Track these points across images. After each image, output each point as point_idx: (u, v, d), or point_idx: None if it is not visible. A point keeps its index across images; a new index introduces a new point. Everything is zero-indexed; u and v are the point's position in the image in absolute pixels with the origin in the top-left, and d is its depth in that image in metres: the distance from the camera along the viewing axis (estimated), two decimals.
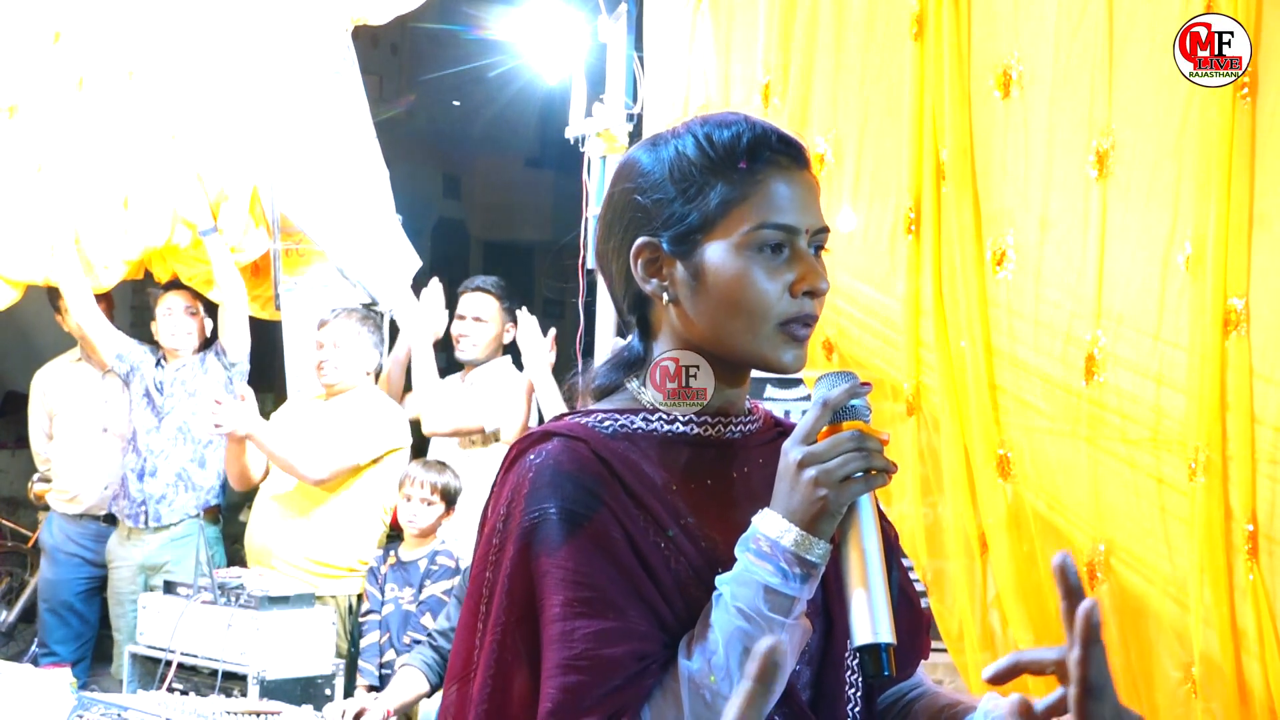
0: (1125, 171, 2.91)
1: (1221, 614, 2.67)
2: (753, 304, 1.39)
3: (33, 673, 3.68)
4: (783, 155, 1.42)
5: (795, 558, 1.29)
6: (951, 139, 3.19)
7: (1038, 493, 3.02)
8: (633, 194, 1.45)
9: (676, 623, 1.33)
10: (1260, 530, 2.64)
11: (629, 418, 1.44)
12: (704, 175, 1.41)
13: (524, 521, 1.34)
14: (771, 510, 1.32)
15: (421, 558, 4.25)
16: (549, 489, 1.34)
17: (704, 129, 1.44)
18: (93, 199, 4.99)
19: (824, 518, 1.30)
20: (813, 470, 1.30)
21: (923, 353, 3.26)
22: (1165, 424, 2.82)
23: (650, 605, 1.32)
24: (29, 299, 5.36)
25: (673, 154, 1.43)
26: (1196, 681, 2.74)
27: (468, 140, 10.77)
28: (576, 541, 1.32)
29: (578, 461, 1.36)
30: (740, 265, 1.39)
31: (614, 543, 1.33)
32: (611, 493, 1.35)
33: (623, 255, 1.46)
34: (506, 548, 1.36)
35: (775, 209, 1.40)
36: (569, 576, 1.31)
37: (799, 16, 3.57)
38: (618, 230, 1.47)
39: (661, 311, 1.46)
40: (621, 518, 1.34)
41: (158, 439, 4.95)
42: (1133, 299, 2.89)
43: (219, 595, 4.08)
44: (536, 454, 1.38)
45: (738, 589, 1.29)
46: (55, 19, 5.05)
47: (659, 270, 1.44)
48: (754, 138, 1.42)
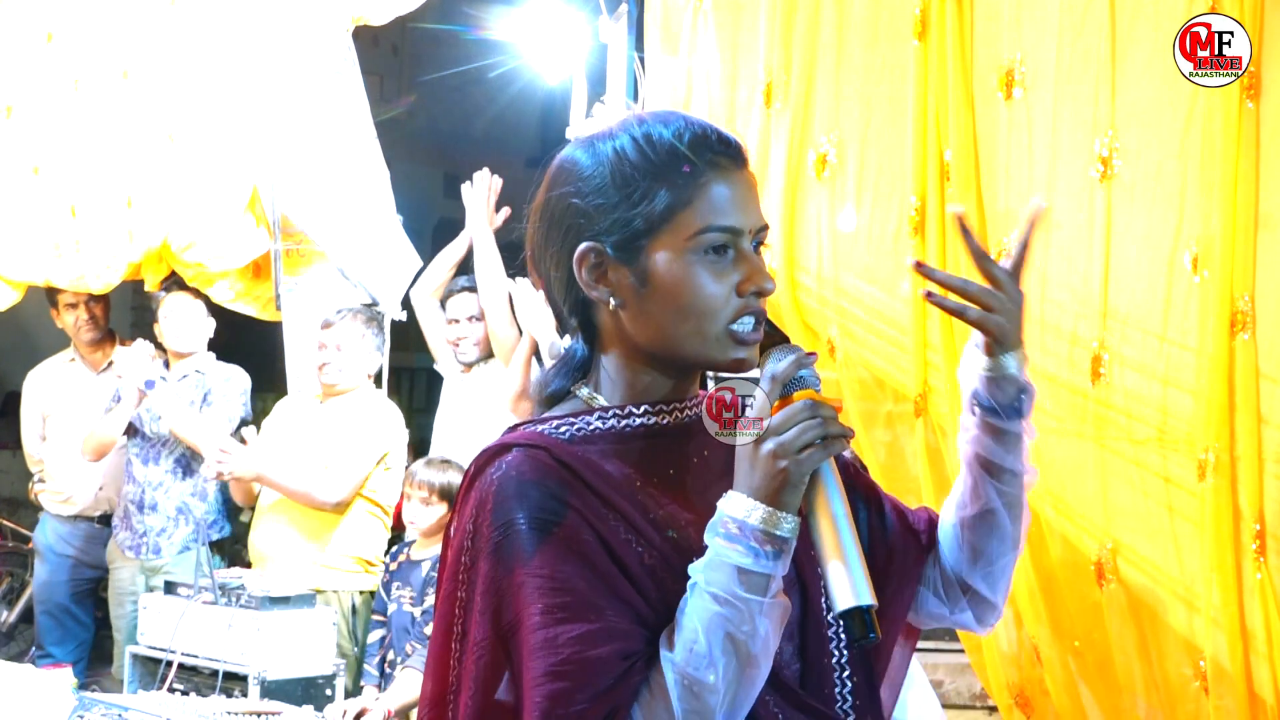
0: (1129, 172, 2.91)
1: (1230, 614, 2.67)
2: (701, 308, 1.39)
3: (33, 673, 3.68)
4: (723, 155, 1.42)
5: (764, 535, 1.29)
6: (955, 139, 3.18)
7: (1045, 494, 3.02)
8: (572, 197, 1.43)
9: (655, 617, 1.33)
10: (1268, 530, 2.65)
11: (584, 419, 1.44)
12: (646, 179, 1.40)
13: (493, 536, 1.33)
14: (735, 491, 1.32)
15: (426, 560, 4.24)
16: (514, 500, 1.33)
17: (642, 129, 1.42)
18: (91, 200, 4.98)
19: (787, 490, 1.30)
20: (770, 444, 1.30)
21: (929, 355, 3.26)
22: (1172, 424, 2.82)
23: (628, 603, 1.32)
24: (29, 299, 5.35)
25: (612, 156, 1.42)
26: (1208, 680, 2.74)
27: (468, 140, 10.76)
28: (548, 548, 1.31)
29: (539, 469, 1.35)
30: (686, 270, 1.39)
31: (585, 545, 1.33)
32: (577, 496, 1.34)
33: (564, 261, 1.44)
34: (478, 564, 1.34)
35: (718, 211, 1.39)
36: (545, 584, 1.30)
37: (801, 16, 3.57)
38: (556, 235, 1.45)
39: (607, 317, 1.45)
40: (590, 519, 1.34)
41: (155, 472, 4.92)
42: (1138, 300, 2.89)
43: (219, 595, 4.08)
44: (496, 467, 1.37)
45: (711, 574, 1.29)
46: (48, 20, 5.03)
47: (604, 276, 1.42)
48: (694, 138, 1.41)
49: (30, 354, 6.07)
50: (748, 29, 3.76)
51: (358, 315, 4.70)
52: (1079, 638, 3.06)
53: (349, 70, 5.10)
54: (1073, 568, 3.04)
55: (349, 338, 4.64)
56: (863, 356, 3.42)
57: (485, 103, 9.27)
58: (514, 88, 6.09)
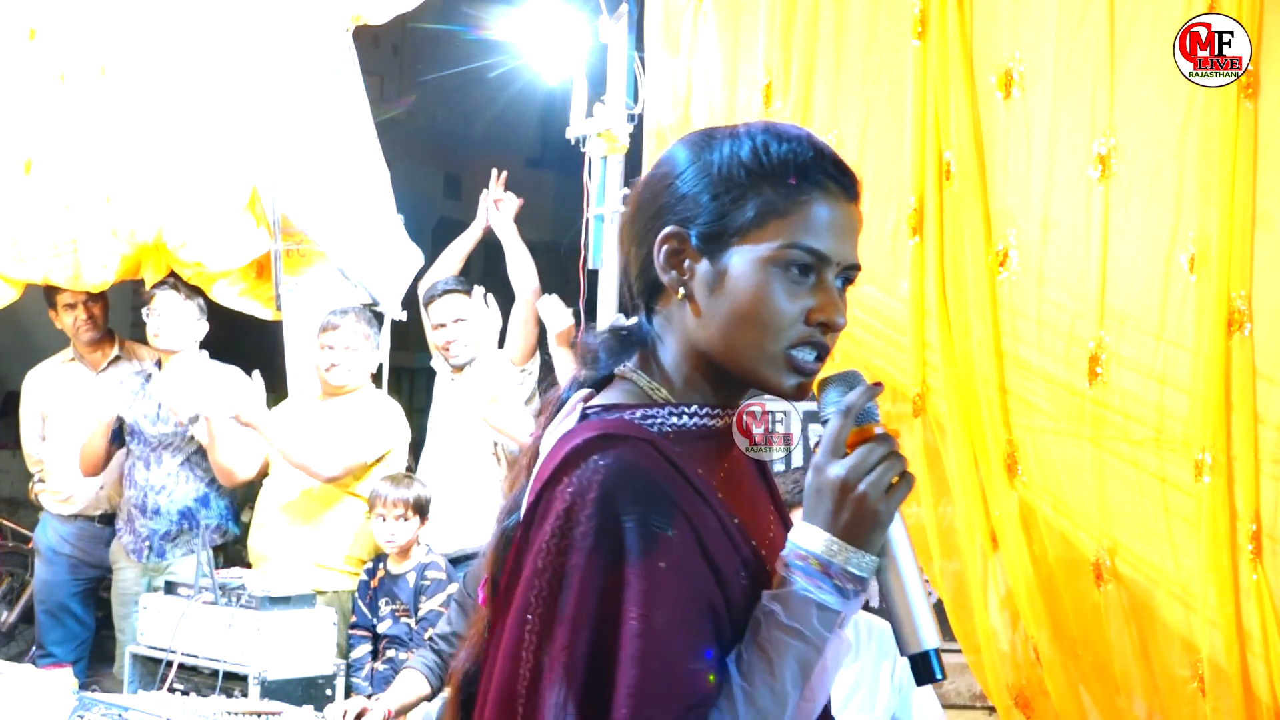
0: (1127, 172, 2.91)
1: (1226, 614, 2.68)
2: (765, 321, 1.35)
3: (34, 673, 3.67)
4: (834, 181, 1.38)
5: (848, 575, 1.29)
6: (956, 140, 3.19)
7: (1042, 493, 3.03)
8: (674, 179, 1.41)
9: (732, 630, 1.32)
10: (1264, 530, 2.65)
11: (657, 412, 1.40)
12: (751, 180, 1.37)
13: (599, 529, 1.28)
14: (813, 526, 1.31)
15: (410, 571, 4.25)
16: (626, 494, 1.28)
17: (764, 135, 1.40)
18: (85, 198, 4.97)
19: (877, 531, 1.30)
20: (862, 486, 1.29)
21: (927, 354, 3.26)
22: (1169, 424, 2.82)
23: (718, 614, 1.30)
24: (27, 298, 5.34)
25: (726, 152, 1.39)
26: (1205, 680, 2.75)
27: (468, 140, 10.78)
28: (658, 550, 1.27)
29: (650, 464, 1.31)
30: (763, 279, 1.35)
31: (690, 553, 1.29)
32: (683, 496, 1.31)
33: (648, 238, 1.41)
34: (572, 556, 1.28)
35: (812, 231, 1.36)
36: (650, 590, 1.26)
37: (800, 16, 3.57)
38: (649, 211, 1.42)
39: (673, 305, 1.41)
40: (695, 523, 1.30)
41: (157, 475, 4.92)
42: (1135, 299, 2.89)
43: (220, 596, 4.08)
44: (602, 456, 1.30)
45: (794, 608, 1.29)
46: (31, 17, 5.01)
47: (680, 262, 1.39)
48: (811, 156, 1.38)
49: (30, 354, 6.07)
50: (747, 29, 3.77)
51: (360, 315, 4.71)
52: (1077, 638, 3.06)
53: (349, 70, 5.09)
54: (1071, 568, 3.05)
55: (356, 337, 4.65)
56: (861, 356, 3.43)
57: (485, 103, 9.29)
58: (514, 88, 6.09)
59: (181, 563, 4.82)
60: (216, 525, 4.95)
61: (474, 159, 11.41)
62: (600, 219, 4.47)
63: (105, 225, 4.95)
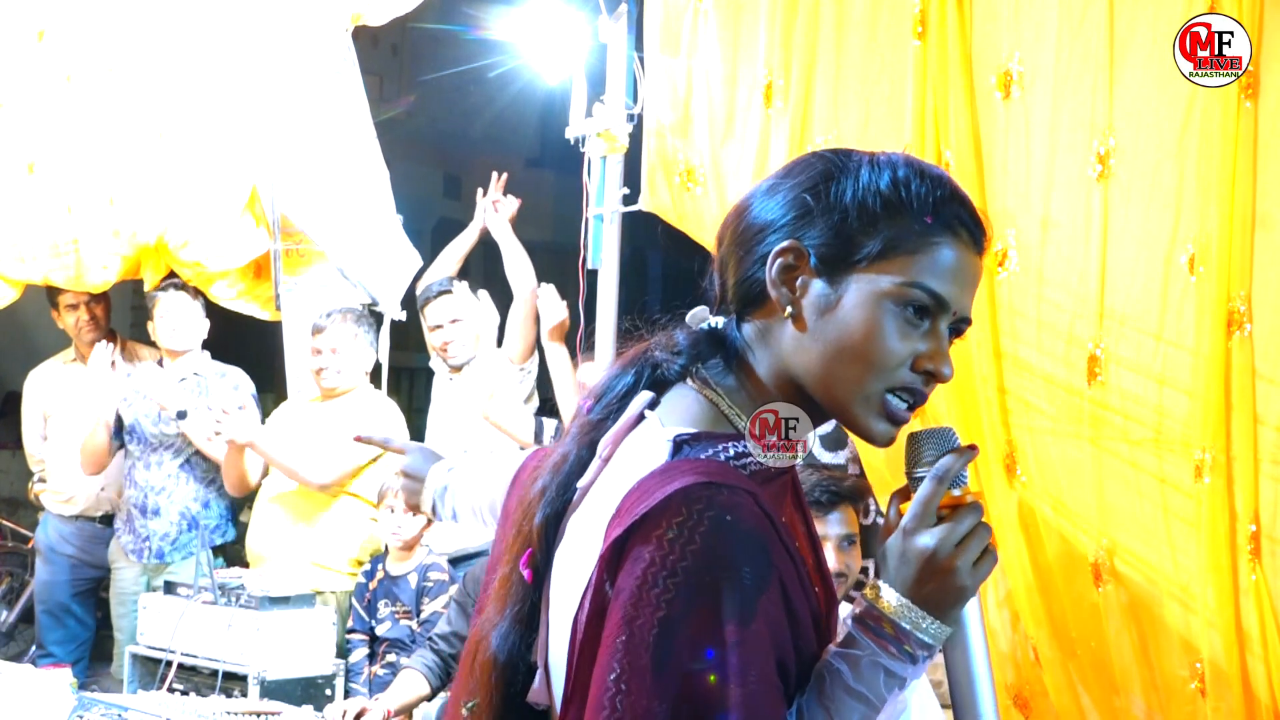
0: (1127, 172, 2.91)
1: (1225, 615, 2.67)
2: (872, 358, 1.30)
3: (33, 673, 3.67)
4: (966, 230, 1.34)
5: (922, 644, 1.28)
6: (956, 140, 3.19)
7: (1042, 494, 3.03)
8: (802, 192, 1.36)
9: (797, 680, 1.29)
10: (1263, 530, 2.65)
11: (742, 447, 1.34)
12: (886, 210, 1.32)
13: (700, 583, 1.22)
14: (894, 591, 1.29)
15: (411, 573, 4.23)
16: (734, 551, 1.23)
17: (906, 169, 1.36)
18: (87, 198, 4.97)
19: (959, 605, 1.29)
20: (952, 560, 1.27)
21: None
22: (1168, 424, 2.82)
23: (788, 671, 1.27)
24: (29, 299, 5.34)
25: (865, 178, 1.34)
26: (1205, 681, 2.74)
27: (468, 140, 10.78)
28: (756, 612, 1.22)
29: (752, 519, 1.25)
30: (878, 314, 1.30)
31: (778, 609, 1.26)
32: (778, 553, 1.26)
33: (760, 245, 1.36)
34: (667, 609, 1.22)
35: (938, 274, 1.31)
36: (746, 651, 1.21)
37: (800, 16, 3.57)
38: (766, 217, 1.37)
39: (775, 321, 1.36)
40: (785, 581, 1.26)
41: (158, 475, 4.92)
42: (1135, 300, 2.89)
43: (219, 595, 4.08)
44: (708, 507, 1.23)
45: (862, 671, 1.27)
46: (39, 17, 5.02)
47: (794, 279, 1.34)
48: (950, 199, 1.34)
49: (30, 354, 6.07)
50: (747, 29, 3.77)
51: (347, 316, 4.71)
52: (1076, 638, 3.06)
53: (349, 70, 5.09)
54: (1070, 568, 3.04)
55: (343, 339, 4.65)
56: None
57: (485, 103, 9.29)
58: (514, 88, 6.08)
59: (181, 563, 4.82)
60: (216, 525, 4.95)
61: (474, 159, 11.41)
62: (600, 219, 4.46)
63: (108, 226, 4.95)
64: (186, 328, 5.00)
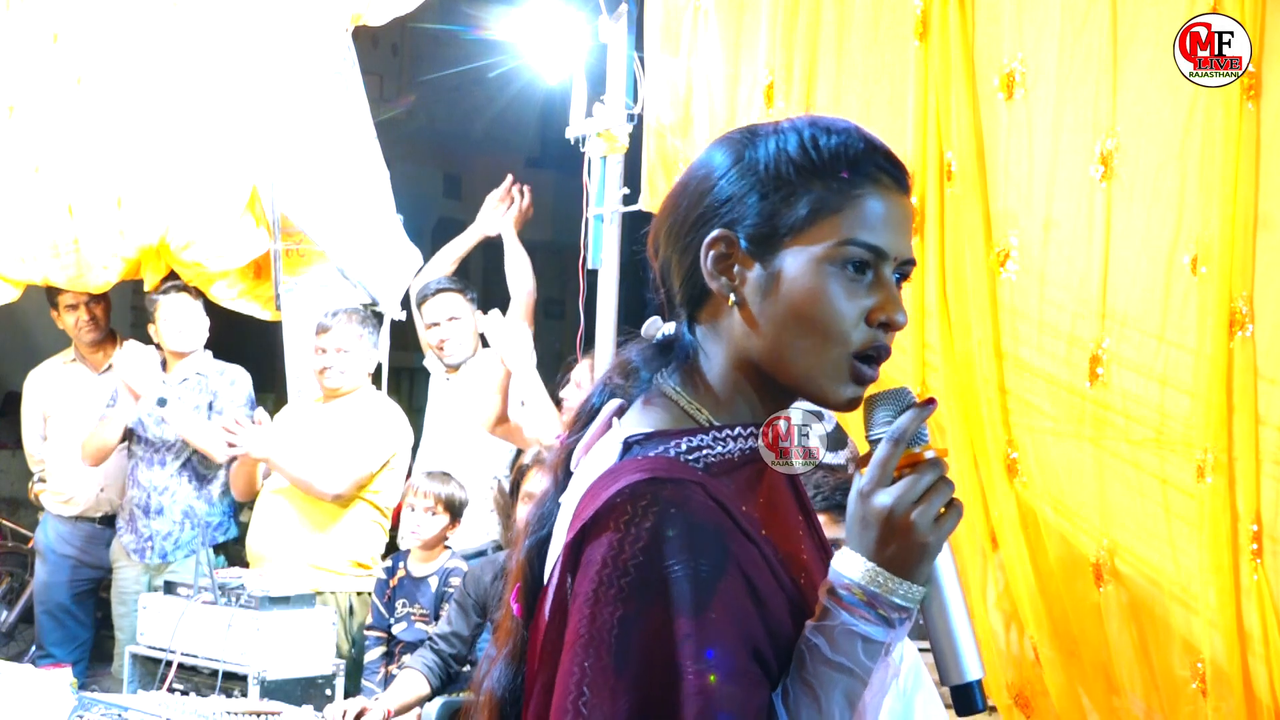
0: (1129, 173, 2.91)
1: (1227, 615, 2.67)
2: (825, 324, 1.30)
3: (33, 673, 3.67)
4: (886, 174, 1.33)
5: (894, 605, 1.25)
6: (958, 140, 3.18)
7: (1043, 494, 3.03)
8: (716, 181, 1.34)
9: (780, 666, 1.28)
10: (1265, 531, 2.65)
11: (700, 440, 1.33)
12: (801, 177, 1.31)
13: (648, 579, 1.22)
14: (861, 557, 1.26)
15: (433, 575, 4.21)
16: (678, 544, 1.22)
17: (810, 129, 1.34)
18: (89, 199, 4.98)
19: (925, 562, 1.26)
20: (913, 516, 1.25)
21: (927, 355, 3.26)
22: (1169, 425, 2.82)
23: (765, 660, 1.26)
24: (28, 299, 5.34)
25: (772, 149, 1.33)
26: (1207, 681, 2.74)
27: (468, 140, 10.77)
28: (716, 601, 1.22)
29: (702, 511, 1.24)
30: (819, 279, 1.30)
31: (743, 600, 1.25)
32: (734, 541, 1.25)
33: (692, 245, 1.35)
34: (621, 608, 1.22)
35: (868, 227, 1.30)
36: (705, 642, 1.21)
37: (801, 16, 3.57)
38: (691, 216, 1.36)
39: (723, 313, 1.35)
40: (744, 566, 1.25)
41: (160, 475, 4.92)
42: (1137, 300, 2.89)
43: (219, 595, 4.08)
44: (652, 503, 1.23)
45: (839, 641, 1.25)
46: (54, 20, 5.04)
47: (730, 268, 1.33)
48: (862, 149, 1.33)
49: (30, 354, 6.07)
50: (748, 29, 3.76)
51: (353, 315, 4.70)
52: (1077, 638, 3.06)
53: (349, 70, 5.10)
54: (1071, 568, 3.04)
55: (348, 339, 4.65)
56: None
57: (485, 103, 9.28)
58: (514, 88, 6.07)
59: (182, 562, 4.82)
60: (219, 523, 4.95)
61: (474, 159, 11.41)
62: (600, 219, 4.46)
63: (113, 227, 4.96)
64: (190, 329, 5.00)
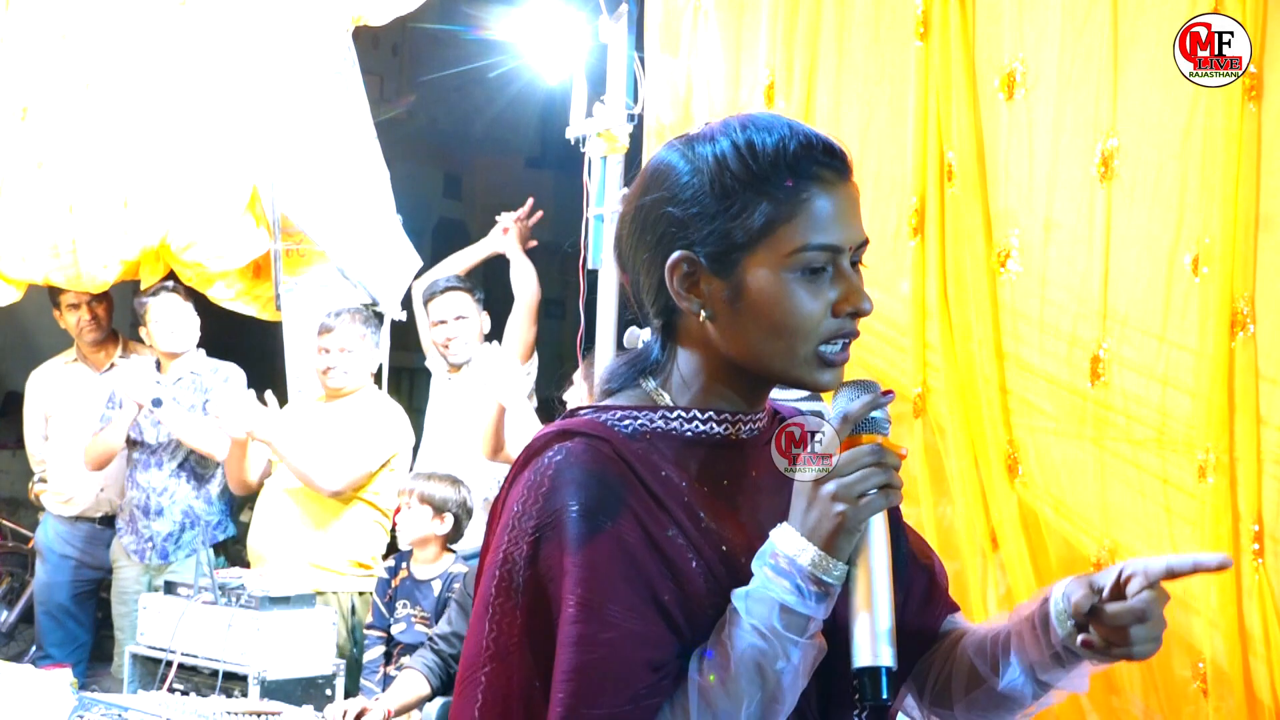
0: (1130, 173, 2.91)
1: (1228, 616, 2.67)
2: (794, 327, 1.34)
3: (33, 673, 3.67)
4: (827, 168, 1.36)
5: (812, 577, 1.27)
6: (958, 140, 3.18)
7: (1044, 494, 3.02)
8: (668, 204, 1.38)
9: (691, 630, 1.30)
10: (1266, 531, 2.65)
11: (647, 415, 1.40)
12: (746, 190, 1.35)
13: (544, 519, 1.31)
14: (789, 526, 1.29)
15: (436, 578, 4.20)
16: (572, 487, 1.31)
17: (745, 135, 1.37)
18: (90, 199, 4.98)
19: (842, 535, 1.27)
20: (831, 486, 1.27)
21: (928, 355, 3.26)
22: (1171, 425, 2.82)
23: (667, 611, 1.30)
24: (29, 299, 5.34)
25: (712, 163, 1.36)
26: (1208, 682, 2.74)
27: (468, 140, 10.78)
28: (598, 542, 1.28)
29: (600, 461, 1.32)
30: (782, 288, 1.34)
31: (635, 545, 1.30)
32: (634, 494, 1.32)
33: (655, 267, 1.39)
34: (521, 545, 1.32)
35: (820, 229, 1.34)
36: (589, 577, 1.28)
37: (802, 16, 3.57)
38: (649, 240, 1.40)
39: (695, 326, 1.40)
40: (644, 520, 1.31)
41: (159, 477, 4.92)
42: (1138, 301, 2.89)
43: (219, 595, 4.08)
44: (556, 451, 1.34)
45: (754, 605, 1.27)
46: (63, 20, 5.04)
47: (695, 286, 1.38)
48: (799, 148, 1.36)
49: (31, 354, 6.08)
50: (748, 29, 3.76)
51: (356, 315, 4.70)
52: None
53: (349, 70, 5.10)
54: (1072, 568, 3.04)
55: (352, 339, 4.64)
56: (861, 356, 3.42)
57: (485, 103, 9.29)
58: (514, 88, 6.08)
59: (182, 562, 4.82)
60: (218, 522, 4.96)
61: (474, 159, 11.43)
62: (600, 219, 4.46)
63: (116, 227, 4.96)
64: (183, 330, 5.01)
